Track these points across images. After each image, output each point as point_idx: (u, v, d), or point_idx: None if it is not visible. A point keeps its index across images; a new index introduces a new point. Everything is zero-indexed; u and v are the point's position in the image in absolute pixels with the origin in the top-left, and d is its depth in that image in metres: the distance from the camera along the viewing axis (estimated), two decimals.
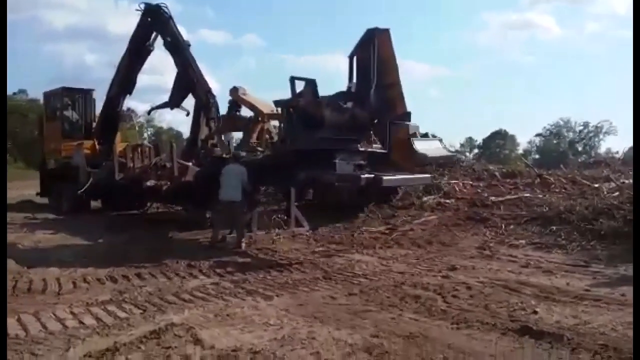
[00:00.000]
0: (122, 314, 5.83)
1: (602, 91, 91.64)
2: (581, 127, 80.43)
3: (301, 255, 9.44)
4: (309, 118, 10.27)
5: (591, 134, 79.96)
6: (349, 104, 10.78)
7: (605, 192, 13.90)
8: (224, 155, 12.95)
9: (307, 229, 11.47)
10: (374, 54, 9.91)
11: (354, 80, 10.83)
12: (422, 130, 15.17)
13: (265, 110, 16.07)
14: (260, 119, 16.37)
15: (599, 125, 77.63)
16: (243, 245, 10.12)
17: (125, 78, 15.34)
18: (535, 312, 5.86)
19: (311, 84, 10.57)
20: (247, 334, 5.15)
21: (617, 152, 30.41)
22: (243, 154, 11.69)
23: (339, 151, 9.95)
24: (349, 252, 9.71)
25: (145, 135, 54.10)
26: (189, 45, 14.38)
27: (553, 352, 4.70)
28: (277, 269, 8.34)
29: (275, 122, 16.23)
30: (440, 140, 14.74)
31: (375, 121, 10.62)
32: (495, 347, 4.85)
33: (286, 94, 10.39)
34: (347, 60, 10.80)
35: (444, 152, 14.09)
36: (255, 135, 16.09)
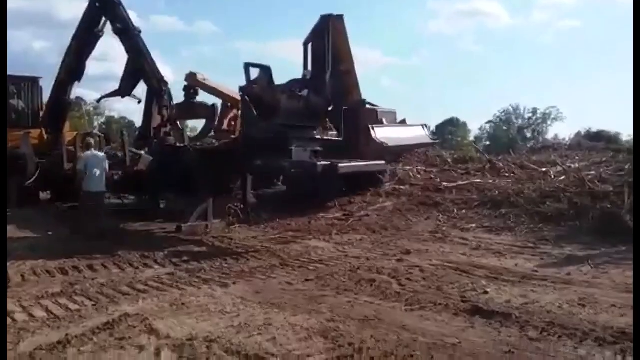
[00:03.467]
0: (74, 306, 5.69)
1: (550, 78, 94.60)
2: (530, 114, 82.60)
3: (258, 243, 9.43)
4: (264, 105, 10.23)
5: (539, 121, 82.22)
6: (305, 92, 10.78)
7: (552, 176, 14.42)
8: (178, 144, 12.76)
9: (264, 217, 11.46)
10: (328, 41, 9.93)
11: (309, 67, 10.83)
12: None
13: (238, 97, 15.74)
14: (230, 105, 16.12)
15: (546, 112, 79.85)
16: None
17: (73, 65, 14.78)
18: (486, 293, 6.07)
19: (266, 70, 10.50)
20: (202, 323, 5.12)
21: (564, 138, 31.50)
22: (91, 140, 11.38)
23: (295, 139, 9.95)
24: (306, 239, 9.76)
25: (96, 124, 52.62)
26: (140, 31, 13.97)
27: (503, 331, 4.87)
28: (234, 257, 8.31)
29: None
30: (424, 126, 14.79)
31: (331, 108, 10.67)
32: (447, 327, 4.99)
33: (242, 82, 10.31)
34: (302, 48, 10.79)
35: (423, 140, 14.36)
36: (226, 122, 15.85)
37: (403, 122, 15.09)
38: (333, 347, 4.46)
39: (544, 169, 15.65)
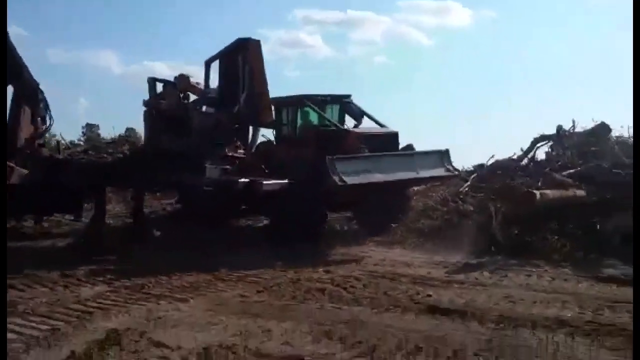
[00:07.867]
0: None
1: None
2: None
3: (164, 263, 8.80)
4: (174, 121, 10.17)
5: None
6: (209, 109, 10.93)
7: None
8: (57, 156, 11.81)
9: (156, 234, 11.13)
10: (244, 62, 10.18)
11: (216, 86, 11.01)
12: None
13: None
14: None
15: None
16: None
17: None
18: (429, 295, 6.87)
19: (173, 86, 10.48)
20: (201, 334, 5.15)
21: None
22: None
23: (206, 156, 9.97)
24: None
25: None
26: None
27: (466, 324, 5.67)
28: (159, 274, 7.93)
29: None
30: (442, 154, 11.72)
31: (238, 126, 10.89)
32: (423, 324, 5.66)
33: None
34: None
35: (435, 172, 11.66)
36: None
37: (408, 148, 11.97)
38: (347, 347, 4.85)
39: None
